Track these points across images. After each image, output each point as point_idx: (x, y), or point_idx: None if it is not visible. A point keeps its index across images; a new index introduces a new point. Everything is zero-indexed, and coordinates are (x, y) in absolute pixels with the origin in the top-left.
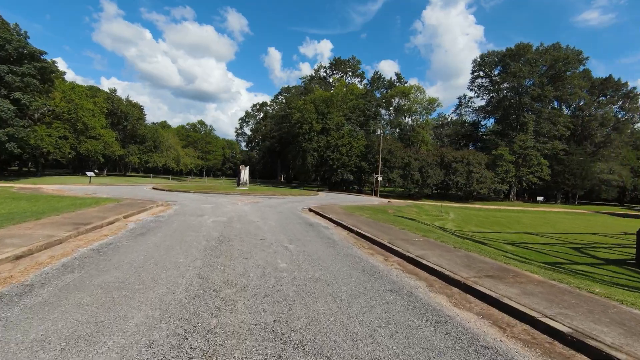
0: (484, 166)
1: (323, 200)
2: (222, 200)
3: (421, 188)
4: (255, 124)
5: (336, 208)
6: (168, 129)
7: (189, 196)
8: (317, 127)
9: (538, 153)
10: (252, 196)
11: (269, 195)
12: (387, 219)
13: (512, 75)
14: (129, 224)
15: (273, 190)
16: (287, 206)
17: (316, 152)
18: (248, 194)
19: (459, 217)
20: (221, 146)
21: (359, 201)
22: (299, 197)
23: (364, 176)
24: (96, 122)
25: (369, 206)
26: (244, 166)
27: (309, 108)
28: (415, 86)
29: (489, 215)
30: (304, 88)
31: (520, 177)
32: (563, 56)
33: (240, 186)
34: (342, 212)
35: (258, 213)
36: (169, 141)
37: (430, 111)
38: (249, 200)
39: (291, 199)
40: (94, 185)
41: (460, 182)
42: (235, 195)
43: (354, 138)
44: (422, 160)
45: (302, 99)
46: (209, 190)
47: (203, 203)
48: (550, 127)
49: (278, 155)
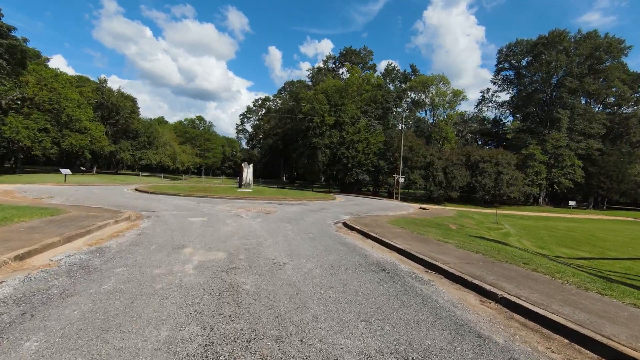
0: (513, 167)
1: (348, 207)
2: (219, 210)
3: (445, 190)
4: (257, 120)
5: (383, 222)
6: (165, 125)
7: (176, 202)
8: (329, 120)
9: (572, 153)
10: (259, 202)
11: (279, 200)
12: (478, 246)
13: (546, 65)
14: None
15: (282, 193)
16: (311, 219)
17: (328, 149)
18: (254, 197)
19: (523, 231)
20: (221, 144)
21: (390, 208)
22: (318, 203)
23: (382, 177)
24: (82, 114)
25: (415, 217)
26: (246, 164)
27: (320, 99)
28: (438, 76)
29: (550, 226)
30: (311, 80)
31: (551, 179)
32: (605, 43)
33: (243, 187)
34: (400, 230)
35: (279, 238)
36: (164, 137)
37: (454, 105)
38: (257, 209)
39: (309, 206)
40: (68, 185)
41: (488, 184)
42: (238, 201)
43: (371, 134)
44: (447, 159)
45: (313, 88)
46: (204, 193)
47: (192, 215)
48: (586, 124)
49: (281, 154)
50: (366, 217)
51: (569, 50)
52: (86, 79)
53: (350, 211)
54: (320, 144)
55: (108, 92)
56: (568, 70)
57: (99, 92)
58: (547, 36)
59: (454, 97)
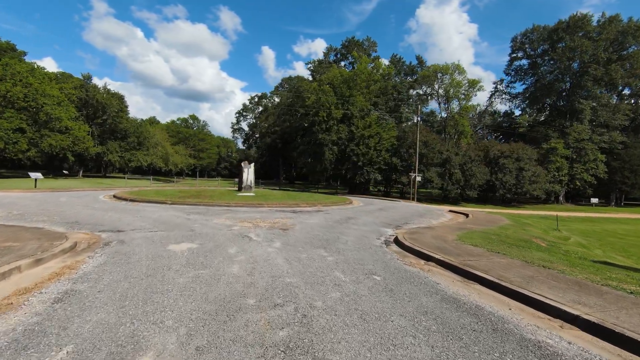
0: (534, 162)
1: (375, 213)
2: (217, 227)
3: (463, 189)
4: (254, 119)
5: (449, 239)
6: (156, 125)
7: (158, 215)
8: (337, 113)
9: (594, 146)
10: (266, 209)
11: (291, 207)
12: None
13: (569, 51)
14: None
15: (290, 196)
16: (349, 238)
17: (335, 146)
18: (258, 204)
19: (590, 238)
20: (216, 144)
21: (421, 213)
22: (337, 209)
23: (395, 175)
24: (62, 112)
25: (472, 227)
26: (246, 163)
27: (325, 90)
28: (453, 65)
29: (611, 231)
30: (312, 74)
31: (573, 175)
32: (633, 27)
33: (244, 191)
34: (503, 260)
35: (329, 292)
36: (155, 137)
37: (470, 96)
38: (269, 223)
39: (330, 213)
40: (36, 191)
41: (509, 181)
42: (240, 210)
43: (383, 128)
44: (464, 155)
45: (318, 78)
46: (197, 200)
47: (176, 239)
48: (609, 115)
49: (280, 153)
50: (415, 229)
51: (592, 35)
52: (69, 76)
53: (384, 220)
54: (327, 140)
55: (93, 89)
56: (593, 57)
57: (83, 89)
58: (568, 20)
59: (469, 87)
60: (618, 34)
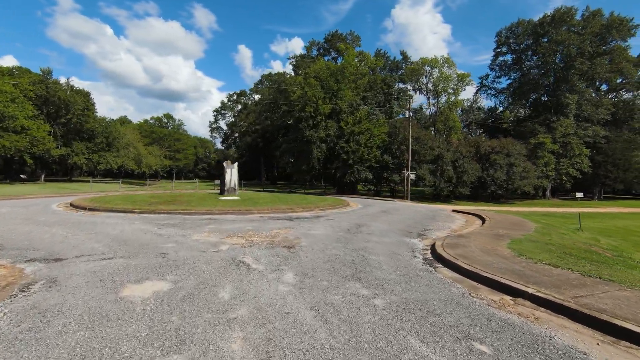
0: (524, 158)
1: (382, 218)
2: (199, 246)
3: (455, 187)
4: (233, 117)
5: (504, 253)
6: (128, 125)
7: (120, 230)
8: (324, 109)
9: (580, 141)
10: (257, 216)
11: (285, 212)
12: None
13: (556, 45)
14: None
15: (281, 199)
16: (380, 257)
17: (324, 144)
18: (247, 210)
19: (614, 238)
20: (193, 144)
21: (426, 215)
22: (337, 213)
23: (387, 173)
24: (17, 110)
25: (506, 231)
26: (229, 162)
27: (312, 84)
28: (443, 57)
29: (627, 227)
30: (294, 69)
31: (559, 170)
32: (617, 21)
33: (227, 194)
34: (579, 278)
35: None
36: (126, 137)
37: (459, 91)
38: (266, 237)
39: (334, 220)
40: None
41: (500, 177)
42: (226, 219)
43: (373, 124)
44: (455, 151)
45: (303, 71)
46: (173, 207)
47: (135, 274)
48: (592, 109)
49: (261, 153)
50: (445, 238)
51: (577, 29)
52: (26, 70)
53: (399, 227)
54: (315, 138)
55: (54, 85)
56: (580, 50)
57: (43, 85)
58: (553, 14)
59: (458, 81)
60: (603, 27)
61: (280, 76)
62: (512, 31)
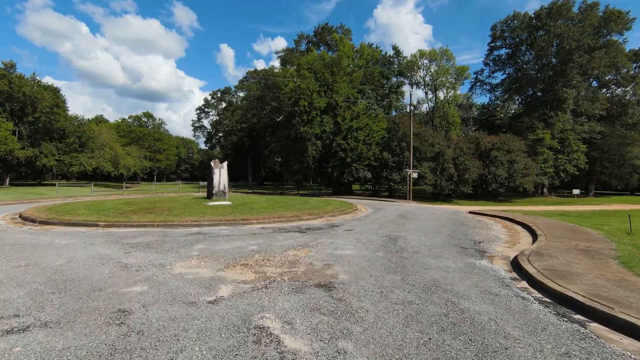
0: (524, 154)
1: (404, 223)
2: (180, 291)
3: (457, 185)
4: (217, 115)
5: (633, 280)
6: (104, 124)
7: (68, 258)
8: (320, 103)
9: (577, 136)
10: (257, 228)
11: (289, 220)
12: None
13: (555, 38)
14: None
15: (279, 203)
16: (477, 307)
17: (319, 141)
18: (244, 220)
19: None
20: (174, 144)
21: (455, 220)
22: (352, 221)
23: (386, 172)
24: None
25: (585, 244)
26: (218, 162)
27: (306, 75)
28: (441, 49)
29: None
30: (282, 63)
31: (557, 166)
32: (615, 13)
33: (216, 198)
34: None
35: None
36: (102, 137)
37: (457, 85)
38: (286, 269)
39: (354, 230)
40: None
41: (501, 175)
42: (220, 234)
43: (372, 119)
44: (456, 148)
45: (295, 61)
46: (149, 218)
47: None
48: (588, 105)
49: (248, 152)
50: (520, 257)
51: (575, 21)
52: None
53: (445, 240)
54: (310, 134)
55: (18, 80)
56: (580, 43)
57: (5, 80)
58: (550, 6)
59: (458, 75)
60: (601, 20)
61: (268, 71)
62: (507, 24)
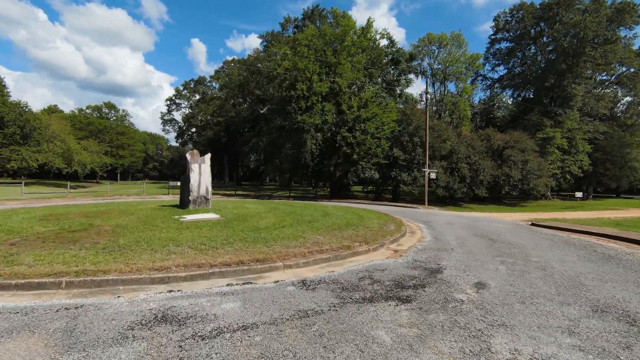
0: (536, 154)
1: (510, 256)
2: None
3: (470, 187)
4: (190, 108)
5: None
6: (57, 114)
7: None
8: (321, 87)
9: (584, 136)
10: (295, 282)
11: (338, 256)
12: None
13: (572, 27)
14: None
15: (290, 216)
16: None
17: (320, 133)
18: (261, 263)
19: None
20: (141, 140)
21: (560, 242)
22: (427, 249)
23: (395, 171)
24: None
25: None
26: (196, 154)
27: (303, 53)
28: (452, 34)
29: None
30: (266, 48)
31: (563, 167)
32: (630, 5)
33: (195, 208)
34: None
35: None
36: (51, 128)
37: (469, 75)
38: None
39: (478, 275)
40: None
41: (515, 176)
42: (221, 311)
43: (382, 108)
44: (469, 145)
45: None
46: (53, 267)
47: None
48: (594, 103)
49: (225, 149)
50: None
51: (587, 13)
52: None
53: None
54: (309, 124)
55: None
56: (595, 34)
57: None
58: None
59: (469, 63)
60: (615, 11)
61: (250, 58)
62: (513, 15)
